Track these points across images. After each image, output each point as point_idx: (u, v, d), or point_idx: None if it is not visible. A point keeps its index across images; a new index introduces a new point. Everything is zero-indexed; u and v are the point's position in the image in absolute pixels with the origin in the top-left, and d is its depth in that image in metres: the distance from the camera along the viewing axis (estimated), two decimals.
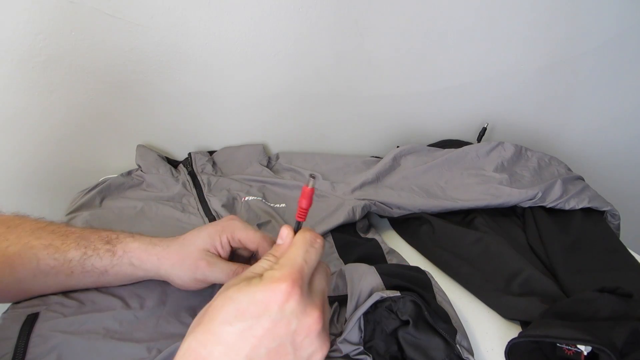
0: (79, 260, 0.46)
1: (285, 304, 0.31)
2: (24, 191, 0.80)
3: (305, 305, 0.32)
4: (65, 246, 0.46)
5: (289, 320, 0.31)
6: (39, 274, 0.46)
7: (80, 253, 0.46)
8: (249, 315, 0.31)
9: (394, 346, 0.47)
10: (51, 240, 0.46)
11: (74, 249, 0.46)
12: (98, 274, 0.47)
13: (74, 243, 0.46)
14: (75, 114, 0.75)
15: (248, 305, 0.31)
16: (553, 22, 0.85)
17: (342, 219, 0.65)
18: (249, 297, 0.32)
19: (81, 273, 0.47)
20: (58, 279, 0.47)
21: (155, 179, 0.75)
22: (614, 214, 0.69)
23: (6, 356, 0.42)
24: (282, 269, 0.33)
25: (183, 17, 0.70)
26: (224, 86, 0.79)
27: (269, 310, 0.31)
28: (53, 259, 0.46)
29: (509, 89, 0.92)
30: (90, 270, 0.46)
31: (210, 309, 0.32)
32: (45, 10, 0.65)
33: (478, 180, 0.74)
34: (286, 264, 0.33)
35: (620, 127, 1.04)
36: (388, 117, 0.91)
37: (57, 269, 0.46)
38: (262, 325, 0.31)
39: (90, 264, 0.46)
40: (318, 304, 0.33)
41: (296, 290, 0.32)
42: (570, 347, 0.44)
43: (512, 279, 0.58)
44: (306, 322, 0.32)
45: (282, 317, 0.31)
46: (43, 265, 0.45)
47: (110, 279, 0.48)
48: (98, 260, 0.46)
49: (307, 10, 0.74)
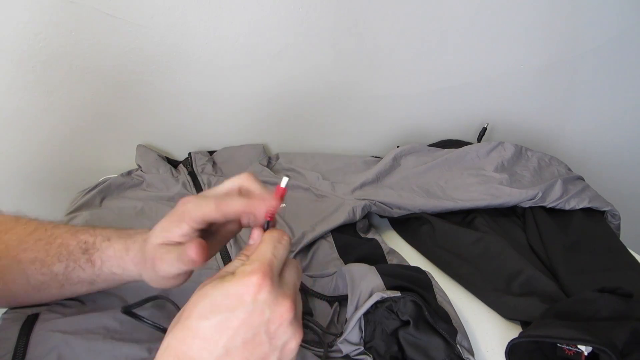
0: (64, 274, 0.45)
1: (257, 294, 0.33)
2: (24, 191, 0.80)
3: (276, 295, 0.34)
4: (49, 259, 0.45)
5: (262, 310, 0.33)
6: (31, 289, 0.45)
7: (63, 266, 0.45)
8: (224, 308, 0.33)
9: (395, 346, 0.47)
10: (36, 253, 0.45)
11: (58, 261, 0.45)
12: (88, 284, 0.46)
13: (56, 255, 0.45)
14: (75, 114, 0.75)
15: (222, 299, 0.33)
16: (553, 22, 0.85)
17: (342, 219, 0.65)
18: (223, 292, 0.33)
19: (71, 285, 0.46)
20: (51, 292, 0.46)
21: (155, 179, 0.75)
22: (614, 214, 0.69)
23: (6, 356, 0.42)
24: (252, 263, 0.35)
25: (183, 17, 0.70)
26: (224, 86, 0.79)
27: (243, 302, 0.33)
28: (41, 274, 0.45)
29: (509, 89, 0.92)
30: (78, 282, 0.46)
31: (186, 307, 0.34)
32: (45, 10, 0.65)
33: (478, 180, 0.74)
34: (256, 259, 0.35)
35: (620, 127, 1.04)
36: (388, 117, 0.91)
37: (47, 284, 0.45)
38: (237, 317, 0.33)
39: (76, 275, 0.45)
40: (289, 294, 0.35)
41: (267, 281, 0.34)
42: (571, 347, 0.44)
43: (513, 279, 0.58)
44: (278, 311, 0.34)
45: (256, 308, 0.33)
46: (33, 281, 0.45)
47: (102, 286, 0.47)
48: (81, 271, 0.45)
49: (307, 10, 0.74)
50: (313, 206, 0.71)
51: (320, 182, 0.76)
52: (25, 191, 0.80)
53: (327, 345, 0.47)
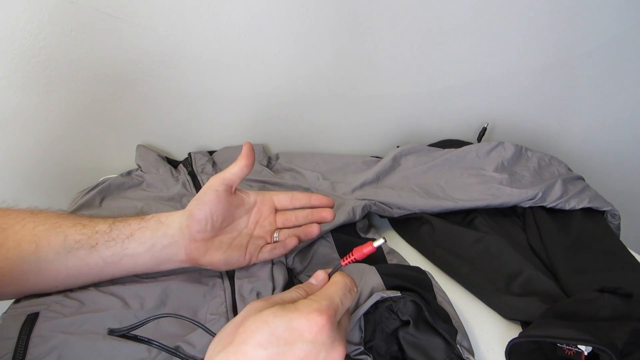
0: (106, 230, 0.48)
1: (318, 334, 0.33)
2: (23, 191, 0.80)
3: (334, 339, 0.34)
4: (93, 223, 0.48)
5: (319, 351, 0.34)
6: (62, 250, 0.46)
7: (109, 223, 0.48)
8: (283, 342, 0.33)
9: (395, 346, 0.47)
10: (79, 220, 0.48)
11: (102, 223, 0.48)
12: (122, 240, 0.48)
13: (102, 220, 0.49)
14: (75, 114, 0.75)
15: (283, 331, 0.33)
16: (553, 22, 0.85)
17: (342, 219, 0.65)
18: (285, 324, 0.33)
19: (105, 242, 0.47)
20: (79, 254, 0.47)
21: (155, 179, 0.75)
22: (614, 214, 0.69)
23: (6, 356, 0.42)
24: (320, 302, 0.35)
25: (183, 17, 0.70)
26: (223, 86, 0.79)
27: (303, 339, 0.33)
28: (80, 233, 0.47)
29: (509, 89, 0.92)
30: (116, 237, 0.47)
31: (242, 329, 0.34)
32: (45, 10, 0.65)
33: (478, 180, 0.74)
34: (324, 298, 0.36)
35: (620, 127, 1.04)
36: (388, 117, 0.91)
37: (81, 243, 0.47)
38: (295, 353, 0.33)
39: (118, 230, 0.48)
40: (344, 341, 0.36)
41: (330, 324, 0.34)
42: (571, 347, 0.44)
43: (513, 279, 0.58)
44: (332, 355, 0.34)
45: (314, 347, 0.33)
46: (70, 241, 0.46)
47: (132, 247, 0.48)
48: (126, 226, 0.48)
49: (307, 10, 0.74)
50: None
51: (320, 182, 0.76)
52: (24, 191, 0.80)
53: None
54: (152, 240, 0.48)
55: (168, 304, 0.51)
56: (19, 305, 0.48)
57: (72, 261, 0.47)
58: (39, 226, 0.46)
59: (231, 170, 0.51)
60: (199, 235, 0.49)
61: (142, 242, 0.48)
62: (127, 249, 0.48)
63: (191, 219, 0.48)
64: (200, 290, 0.53)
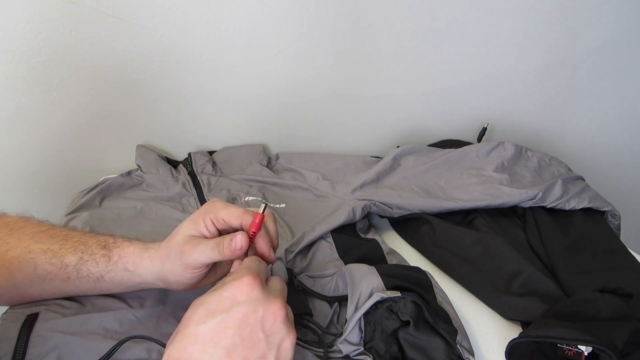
0: (75, 266, 0.45)
1: (250, 293, 0.35)
2: (24, 191, 0.80)
3: (267, 295, 0.36)
4: (63, 251, 0.46)
5: (255, 308, 0.35)
6: (36, 279, 0.45)
7: (77, 258, 0.46)
8: (219, 311, 0.35)
9: (395, 347, 0.47)
10: (50, 245, 0.46)
11: (71, 253, 0.46)
12: (94, 280, 0.46)
13: (71, 248, 0.46)
14: (75, 114, 0.75)
15: (217, 303, 0.35)
16: (553, 22, 0.85)
17: (342, 219, 0.65)
18: (217, 297, 0.36)
19: (77, 279, 0.46)
20: (54, 284, 0.46)
21: (155, 179, 0.75)
22: (615, 214, 0.69)
23: (6, 357, 0.42)
24: (240, 272, 0.37)
25: (183, 17, 0.70)
26: (224, 86, 0.79)
27: (237, 302, 0.35)
28: (50, 264, 0.45)
29: (509, 89, 0.92)
30: (86, 276, 0.46)
31: (183, 319, 0.36)
32: (45, 10, 0.65)
33: (478, 180, 0.74)
34: (242, 269, 0.38)
35: (620, 127, 1.04)
36: (388, 117, 0.91)
37: (53, 274, 0.45)
38: (233, 316, 0.34)
39: (87, 269, 0.46)
40: (278, 296, 0.38)
41: (257, 282, 0.36)
42: (571, 347, 0.44)
43: (513, 279, 0.58)
44: (271, 309, 0.36)
45: (250, 306, 0.35)
46: (40, 271, 0.45)
47: (107, 286, 0.47)
48: (94, 265, 0.46)
49: (307, 10, 0.74)
50: (313, 206, 0.71)
51: (320, 182, 0.76)
52: (24, 191, 0.80)
53: (327, 345, 0.47)
54: (127, 284, 0.47)
55: (167, 304, 0.51)
56: (19, 306, 0.48)
57: (48, 288, 0.47)
58: (11, 250, 0.45)
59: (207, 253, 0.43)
60: (178, 288, 0.47)
61: (116, 284, 0.47)
62: (102, 287, 0.47)
63: (168, 284, 0.46)
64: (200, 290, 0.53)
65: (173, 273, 0.44)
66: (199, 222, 0.43)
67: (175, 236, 0.44)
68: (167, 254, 0.44)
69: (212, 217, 0.43)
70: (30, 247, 0.45)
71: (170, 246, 0.44)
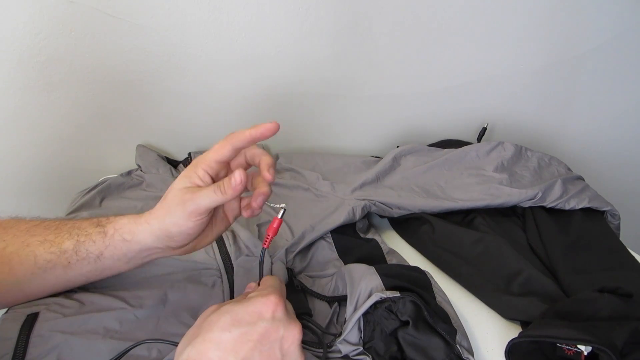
0: (74, 249, 0.46)
1: (275, 312, 0.38)
2: (24, 191, 0.80)
3: (289, 317, 0.39)
4: (59, 239, 0.46)
5: (278, 327, 0.37)
6: (37, 270, 0.46)
7: (73, 242, 0.46)
8: (245, 323, 0.37)
9: (394, 346, 0.47)
10: (46, 236, 0.46)
11: (68, 239, 0.46)
12: (94, 259, 0.46)
13: (67, 234, 0.46)
14: (75, 114, 0.75)
15: (243, 314, 0.37)
16: (553, 22, 0.85)
17: (342, 219, 0.65)
18: (244, 309, 0.38)
19: (77, 261, 0.46)
20: (56, 272, 0.46)
21: (155, 178, 0.75)
22: (614, 214, 0.69)
23: (6, 356, 0.42)
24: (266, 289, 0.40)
25: (183, 17, 0.70)
26: (224, 86, 0.79)
27: (263, 318, 0.37)
28: (49, 252, 0.45)
29: (509, 89, 0.92)
30: (85, 257, 0.46)
31: (207, 321, 0.37)
32: (45, 10, 0.65)
33: (478, 180, 0.74)
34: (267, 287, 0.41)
35: (621, 127, 1.04)
36: (388, 117, 0.91)
37: (53, 262, 0.46)
38: (257, 330, 0.36)
39: (85, 249, 0.46)
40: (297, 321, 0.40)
41: (282, 303, 0.39)
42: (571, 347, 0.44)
43: (513, 279, 0.58)
44: (291, 331, 0.38)
45: (273, 324, 0.37)
46: (40, 261, 0.45)
47: (108, 263, 0.47)
48: (91, 244, 0.46)
49: (307, 10, 0.74)
50: (313, 206, 0.71)
51: (320, 182, 0.76)
52: (24, 191, 0.80)
53: (327, 345, 0.48)
54: (128, 255, 0.46)
55: (168, 304, 0.51)
56: (19, 306, 0.48)
57: (50, 278, 0.47)
58: (9, 247, 0.45)
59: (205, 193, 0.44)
60: (179, 246, 0.46)
61: (116, 259, 0.46)
62: (104, 265, 0.47)
63: (170, 240, 0.45)
64: (200, 290, 0.53)
65: (175, 224, 0.43)
66: (192, 175, 0.43)
67: (171, 192, 0.44)
68: (166, 210, 0.44)
69: (204, 167, 0.43)
70: (27, 240, 0.46)
71: (168, 202, 0.44)
